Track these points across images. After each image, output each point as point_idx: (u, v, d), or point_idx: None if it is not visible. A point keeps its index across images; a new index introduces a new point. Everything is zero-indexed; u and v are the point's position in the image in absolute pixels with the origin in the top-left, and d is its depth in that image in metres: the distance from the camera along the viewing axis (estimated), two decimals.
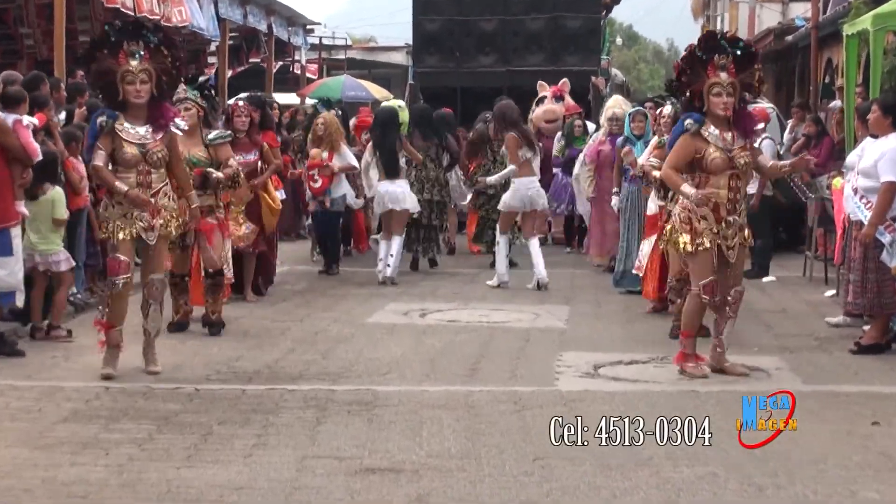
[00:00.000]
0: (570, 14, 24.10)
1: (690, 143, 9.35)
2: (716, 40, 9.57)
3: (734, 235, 9.39)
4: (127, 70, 9.20)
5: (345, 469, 6.87)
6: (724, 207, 9.35)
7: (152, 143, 9.31)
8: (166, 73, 9.40)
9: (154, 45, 9.31)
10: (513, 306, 13.43)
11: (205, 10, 21.13)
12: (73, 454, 7.13)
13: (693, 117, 9.35)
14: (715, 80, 9.28)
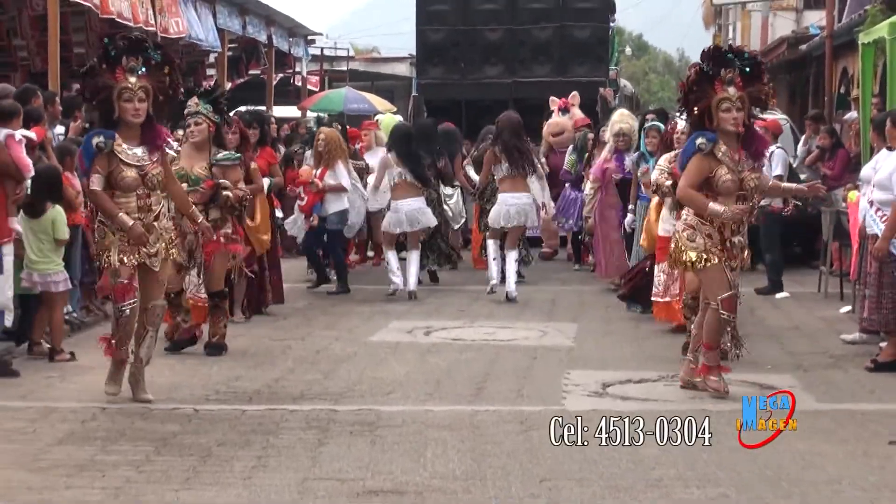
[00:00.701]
0: (578, 23, 24.17)
1: (704, 162, 9.29)
2: (721, 54, 9.47)
3: (737, 256, 9.41)
4: (125, 87, 8.94)
5: (347, 491, 6.90)
6: (730, 228, 9.33)
7: (150, 164, 9.07)
8: (163, 91, 9.16)
9: (155, 62, 9.08)
10: (520, 324, 13.47)
11: (203, 20, 21.20)
12: (68, 477, 7.16)
13: (706, 136, 9.26)
14: (723, 95, 9.20)
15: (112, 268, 9.05)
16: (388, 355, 11.42)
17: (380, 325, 13.27)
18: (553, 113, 20.33)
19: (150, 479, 7.14)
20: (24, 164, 10.27)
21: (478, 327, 13.22)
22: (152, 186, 9.11)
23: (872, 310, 10.83)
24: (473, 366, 10.89)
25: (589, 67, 23.89)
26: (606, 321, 13.69)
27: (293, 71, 31.33)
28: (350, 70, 34.94)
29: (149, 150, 9.08)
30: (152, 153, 9.11)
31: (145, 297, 9.21)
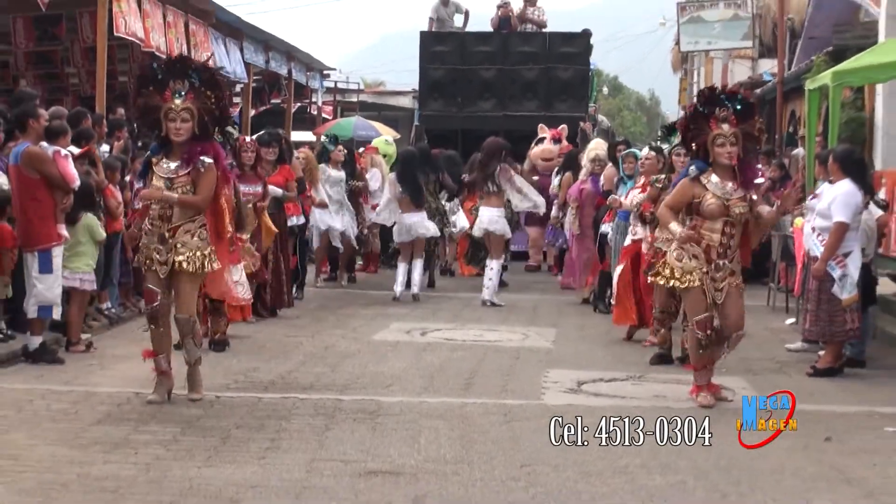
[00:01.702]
0: (562, 65, 24.21)
1: (689, 187, 9.11)
2: (715, 95, 9.23)
3: (723, 279, 9.04)
4: (170, 108, 8.60)
5: (350, 471, 6.86)
6: (716, 251, 9.03)
7: (177, 178, 8.66)
8: (209, 112, 8.69)
9: (199, 84, 8.68)
10: (505, 327, 13.44)
11: (231, 55, 21.16)
12: (105, 453, 7.14)
13: (697, 164, 9.11)
14: (718, 131, 8.96)
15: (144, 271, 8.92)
16: (389, 352, 11.39)
17: (382, 325, 13.24)
18: (545, 139, 20.42)
19: (177, 456, 7.11)
20: (71, 176, 10.26)
21: (468, 329, 13.19)
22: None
23: (812, 322, 10.83)
24: (463, 363, 10.85)
25: (571, 104, 23.90)
26: (582, 327, 13.67)
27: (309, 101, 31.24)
28: (360, 101, 34.86)
29: (181, 166, 8.69)
30: (182, 167, 8.68)
31: (175, 308, 8.83)
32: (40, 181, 10.07)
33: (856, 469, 7.16)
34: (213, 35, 19.89)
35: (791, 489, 6.73)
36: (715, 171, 9.07)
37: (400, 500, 6.34)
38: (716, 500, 6.51)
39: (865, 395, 9.75)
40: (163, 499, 6.21)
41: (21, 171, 10.14)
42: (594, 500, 6.46)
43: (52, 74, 19.64)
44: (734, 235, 9.09)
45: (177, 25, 17.75)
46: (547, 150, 20.13)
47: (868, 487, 6.81)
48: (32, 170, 10.08)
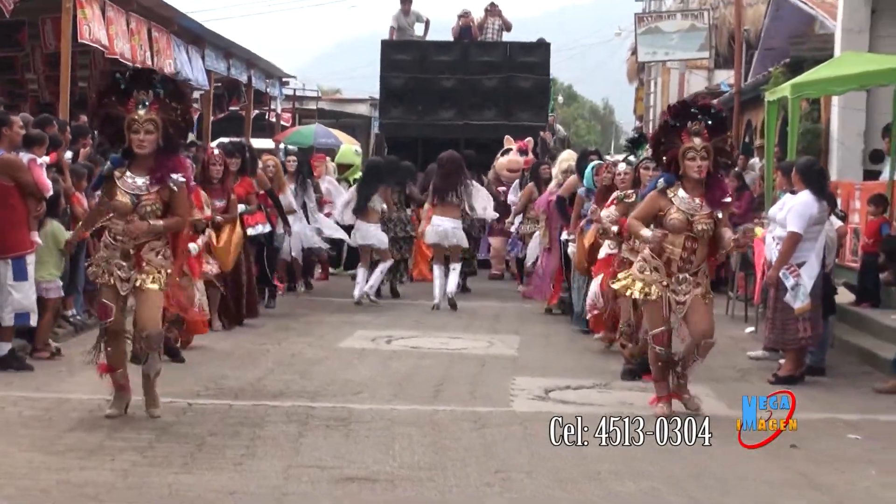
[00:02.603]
0: (522, 74, 24.37)
1: (657, 200, 9.01)
2: (687, 108, 9.16)
3: (686, 292, 8.93)
4: (133, 119, 8.22)
5: (327, 478, 6.92)
6: (676, 264, 8.94)
7: (146, 194, 8.29)
8: (173, 124, 8.35)
9: (164, 95, 8.33)
10: (469, 335, 13.53)
11: (193, 62, 21.18)
12: (81, 459, 7.15)
13: (666, 177, 9.05)
14: (689, 145, 8.84)
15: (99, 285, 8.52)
16: (356, 360, 11.44)
17: (347, 333, 13.28)
18: (511, 151, 20.56)
19: (154, 462, 7.14)
20: (45, 185, 10.25)
21: (432, 337, 13.25)
22: (143, 216, 8.27)
23: (770, 329, 11.00)
24: (431, 371, 10.92)
25: (531, 113, 24.06)
26: (545, 335, 13.77)
27: (268, 108, 31.33)
28: (318, 108, 34.92)
29: (150, 182, 8.32)
30: (153, 185, 8.31)
31: (138, 326, 8.39)
32: (13, 188, 10.05)
33: (822, 475, 7.30)
34: (176, 42, 19.91)
35: (761, 495, 6.85)
36: (683, 185, 8.99)
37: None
38: None
39: (827, 402, 9.91)
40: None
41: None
42: None
43: (12, 80, 19.58)
44: (696, 250, 8.99)
45: (140, 32, 17.76)
46: (514, 162, 20.26)
47: (836, 495, 6.95)
48: (6, 177, 10.05)
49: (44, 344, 10.75)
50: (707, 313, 9.07)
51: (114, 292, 8.35)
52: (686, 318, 9.05)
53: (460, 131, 23.30)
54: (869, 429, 8.83)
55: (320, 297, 16.93)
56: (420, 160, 20.69)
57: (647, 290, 8.96)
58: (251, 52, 25.45)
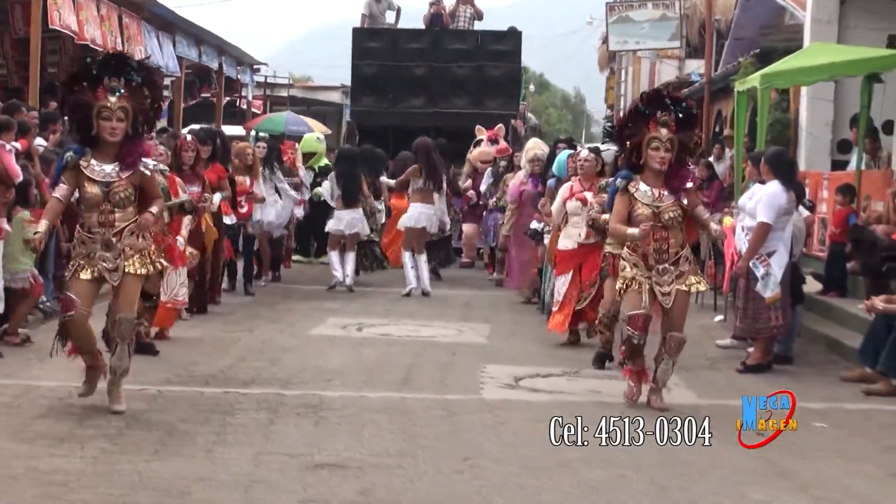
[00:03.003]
0: (492, 63, 24.40)
1: (624, 199, 8.96)
2: (660, 97, 9.11)
3: (670, 282, 8.87)
4: (104, 106, 8.02)
5: (297, 465, 6.93)
6: (652, 257, 8.89)
7: (117, 181, 8.12)
8: (143, 112, 8.22)
9: (136, 83, 8.17)
10: (439, 323, 13.56)
11: (164, 49, 21.10)
12: (51, 447, 7.12)
13: (622, 175, 9.03)
14: (654, 134, 8.79)
15: (67, 280, 8.33)
16: (327, 347, 11.45)
17: (318, 320, 13.29)
18: (482, 141, 20.58)
19: (124, 450, 7.13)
20: (14, 171, 10.21)
21: (402, 325, 13.27)
22: (116, 203, 8.12)
23: (741, 319, 11.07)
24: (401, 358, 10.94)
25: (502, 101, 24.08)
26: (515, 323, 13.82)
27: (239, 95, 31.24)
28: (290, 96, 34.83)
29: (120, 168, 8.14)
30: (123, 171, 8.14)
31: (112, 310, 8.30)
32: None
33: (789, 463, 7.37)
34: (146, 28, 19.83)
35: (727, 482, 6.91)
36: (644, 177, 8.94)
37: (348, 493, 6.41)
38: (655, 493, 6.66)
39: (794, 390, 9.56)
40: (113, 492, 6.23)
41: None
42: (539, 493, 6.58)
43: None
44: (668, 239, 8.90)
45: (110, 18, 17.69)
46: (485, 153, 20.24)
47: (800, 480, 7.03)
48: None
49: (15, 331, 10.69)
50: (681, 308, 9.00)
51: (87, 287, 8.13)
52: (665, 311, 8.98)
53: (431, 119, 23.29)
54: (835, 417, 8.91)
55: (291, 285, 16.91)
56: (391, 148, 20.70)
57: (629, 284, 8.94)
58: (222, 39, 25.38)
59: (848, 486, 6.96)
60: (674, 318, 8.95)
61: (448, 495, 6.49)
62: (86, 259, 8.13)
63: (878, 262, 12.43)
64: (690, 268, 9.01)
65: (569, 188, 12.03)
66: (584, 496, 6.56)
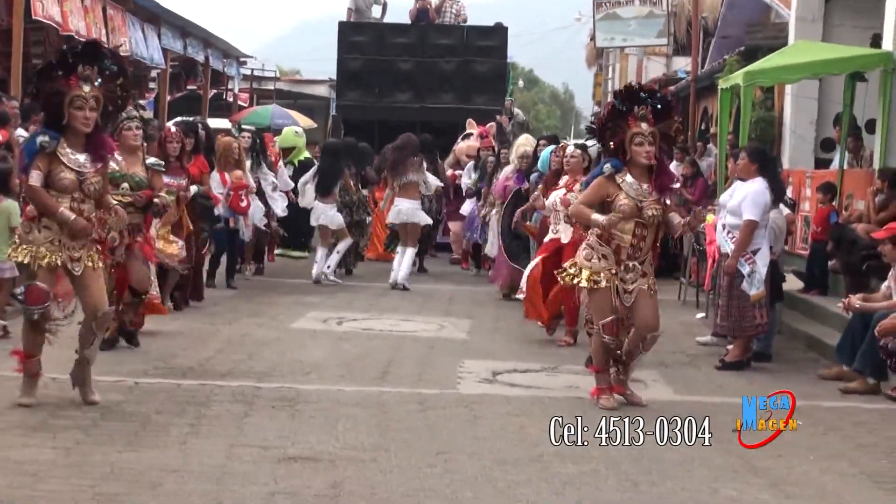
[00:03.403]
0: (479, 59, 24.45)
1: (604, 185, 8.80)
2: (635, 92, 8.94)
3: (633, 280, 8.77)
4: (78, 95, 7.92)
5: (269, 457, 6.94)
6: (626, 252, 8.76)
7: (90, 172, 8.06)
8: (112, 101, 8.18)
9: (110, 72, 8.10)
10: (420, 318, 13.57)
11: (149, 40, 21.07)
12: (24, 437, 7.12)
13: (612, 162, 8.82)
14: (636, 129, 8.69)
15: (30, 268, 8.03)
16: (307, 341, 11.45)
17: (299, 314, 13.29)
18: (472, 136, 20.57)
19: (97, 441, 7.13)
20: None
21: (384, 319, 13.29)
22: (89, 193, 8.07)
23: (723, 317, 11.05)
24: (380, 353, 10.95)
25: (488, 97, 24.13)
26: (496, 318, 13.84)
27: (226, 88, 31.21)
28: (276, 89, 34.78)
29: (92, 159, 8.09)
30: (95, 161, 8.10)
31: (90, 305, 8.13)
32: None
33: (761, 459, 7.37)
34: (131, 20, 19.79)
35: (699, 478, 6.93)
36: (630, 170, 8.80)
37: (319, 486, 6.42)
38: (627, 488, 6.68)
39: (772, 387, 9.78)
40: (84, 482, 6.24)
41: None
42: (510, 487, 6.60)
43: None
44: (645, 237, 8.81)
45: (95, 10, 17.65)
46: (473, 147, 20.33)
47: (772, 477, 7.04)
48: None
49: None
50: (654, 306, 8.93)
51: (52, 276, 8.02)
52: (632, 310, 8.85)
53: (417, 114, 23.33)
54: (811, 414, 8.92)
55: (274, 278, 16.92)
56: (377, 142, 20.72)
57: (596, 277, 8.78)
58: (208, 32, 25.36)
59: (820, 483, 6.98)
60: (649, 317, 8.85)
61: (419, 489, 6.50)
62: (48, 245, 7.99)
63: (859, 261, 12.51)
64: (651, 269, 8.94)
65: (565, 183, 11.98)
66: (555, 490, 6.57)
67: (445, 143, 21.05)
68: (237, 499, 6.13)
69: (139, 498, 6.04)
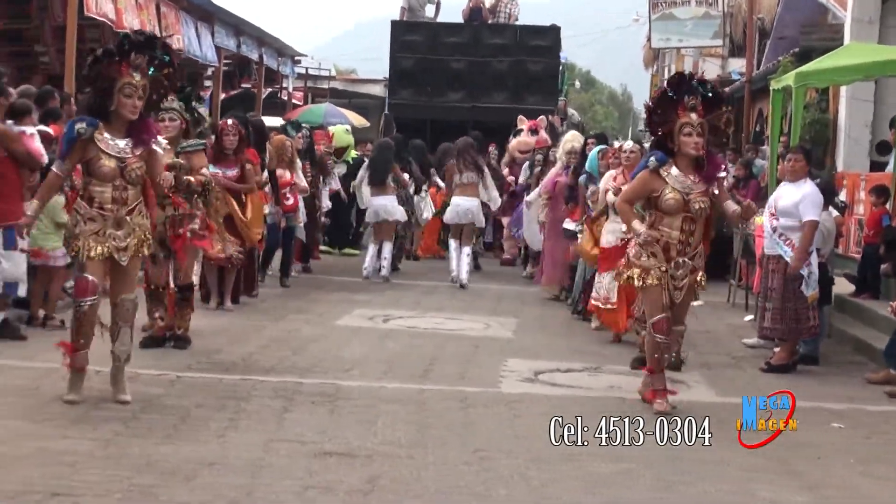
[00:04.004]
0: (532, 58, 24.43)
1: (648, 180, 8.65)
2: (686, 81, 8.75)
3: (683, 277, 8.64)
4: (128, 82, 7.98)
5: (305, 452, 6.98)
6: (675, 248, 8.62)
7: (131, 158, 8.08)
8: (157, 91, 8.27)
9: (159, 62, 8.18)
10: (467, 316, 13.58)
11: (202, 39, 21.24)
12: (64, 428, 7.22)
13: (657, 155, 8.65)
14: (685, 119, 8.52)
15: (79, 260, 8.11)
16: (351, 338, 11.51)
17: (345, 311, 13.35)
18: (522, 131, 20.57)
19: (136, 433, 7.21)
20: (38, 154, 10.32)
21: (430, 318, 13.32)
22: (130, 180, 8.09)
23: (776, 320, 10.89)
24: (423, 350, 10.98)
25: (540, 97, 24.11)
26: (542, 318, 13.82)
27: (280, 86, 31.39)
28: (331, 88, 34.93)
29: (133, 144, 8.11)
30: (136, 147, 8.12)
31: (114, 292, 8.21)
32: (6, 158, 10.13)
33: (799, 462, 7.35)
34: (184, 18, 19.96)
35: (735, 479, 6.90)
36: (677, 162, 8.63)
37: (353, 481, 6.45)
38: (661, 488, 6.66)
39: (816, 391, 9.94)
40: (120, 473, 6.31)
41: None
42: (544, 485, 6.60)
43: (23, 52, 19.63)
44: (694, 232, 8.65)
45: (148, 7, 17.83)
46: (523, 143, 20.33)
47: (810, 480, 7.00)
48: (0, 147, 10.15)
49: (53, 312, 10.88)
50: (687, 302, 8.88)
51: (103, 266, 8.09)
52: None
53: (469, 114, 23.37)
54: (854, 418, 8.87)
55: (322, 276, 17.00)
56: (428, 141, 20.77)
57: (646, 275, 8.65)
58: (262, 30, 25.51)
59: (856, 487, 6.93)
60: (679, 311, 8.80)
61: (453, 486, 6.51)
62: (95, 237, 8.04)
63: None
64: (702, 262, 8.80)
65: (611, 177, 11.93)
66: (588, 489, 6.57)
67: (497, 142, 21.03)
68: (270, 492, 6.17)
69: (173, 490, 6.10)
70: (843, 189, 16.49)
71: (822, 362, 11.29)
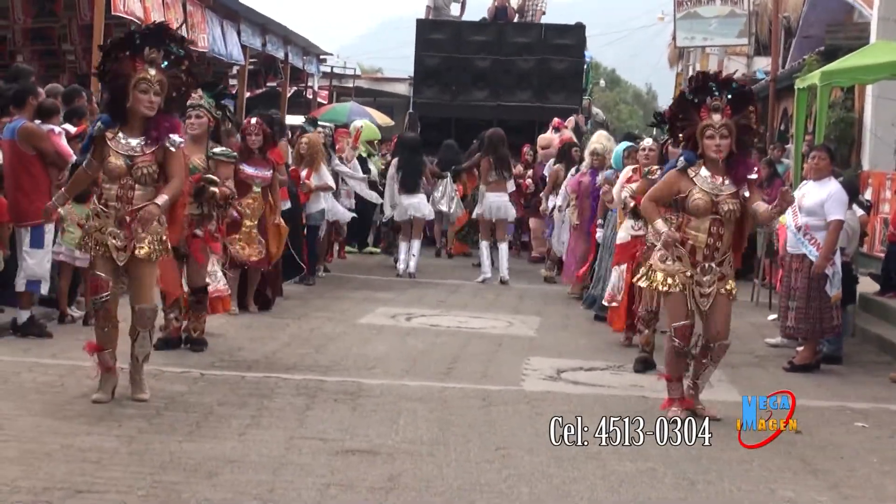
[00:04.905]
0: (556, 57, 24.38)
1: (676, 180, 8.34)
2: (706, 83, 8.36)
3: (711, 283, 8.25)
4: (143, 78, 7.82)
5: (327, 449, 7.00)
6: (702, 252, 8.25)
7: (141, 156, 7.90)
8: (177, 87, 8.06)
9: (175, 56, 7.99)
10: (490, 315, 13.58)
11: (228, 37, 21.27)
12: (89, 425, 7.26)
13: (686, 155, 8.33)
14: (707, 122, 8.18)
15: (90, 257, 8.16)
16: (374, 336, 11.52)
17: (368, 309, 13.36)
18: None
19: (159, 430, 7.24)
20: (66, 152, 10.38)
21: (453, 316, 13.32)
22: (138, 178, 7.91)
23: (800, 319, 10.85)
24: (446, 349, 10.99)
25: (564, 96, 24.08)
26: (566, 317, 13.81)
27: (305, 85, 31.42)
28: (356, 87, 34.97)
29: (146, 143, 7.94)
30: (149, 146, 7.93)
31: (132, 299, 8.12)
32: (35, 157, 10.19)
33: (822, 461, 7.32)
34: (210, 16, 20.00)
35: (757, 478, 6.87)
36: (705, 164, 8.29)
37: (374, 478, 6.46)
38: (684, 487, 6.64)
39: (839, 390, 9.91)
40: (143, 470, 6.34)
41: (16, 147, 10.24)
42: (565, 483, 6.59)
43: (50, 51, 19.75)
44: (722, 236, 8.26)
45: (175, 6, 17.86)
46: (544, 138, 20.29)
47: (832, 479, 6.97)
48: (29, 146, 10.20)
49: None
50: (725, 313, 8.43)
51: (110, 263, 7.99)
52: (704, 315, 8.37)
53: (493, 112, 23.33)
54: (877, 417, 8.82)
55: (346, 274, 17.03)
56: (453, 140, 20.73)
57: (670, 280, 8.28)
58: (287, 29, 25.52)
59: (880, 486, 6.90)
60: (719, 324, 8.36)
61: (474, 483, 6.51)
62: (97, 233, 7.97)
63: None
64: (731, 271, 8.42)
65: (626, 176, 11.88)
66: (611, 488, 6.55)
67: (522, 140, 21.02)
68: (291, 490, 6.18)
69: (195, 487, 6.12)
70: (868, 188, 16.41)
71: (846, 362, 11.24)
